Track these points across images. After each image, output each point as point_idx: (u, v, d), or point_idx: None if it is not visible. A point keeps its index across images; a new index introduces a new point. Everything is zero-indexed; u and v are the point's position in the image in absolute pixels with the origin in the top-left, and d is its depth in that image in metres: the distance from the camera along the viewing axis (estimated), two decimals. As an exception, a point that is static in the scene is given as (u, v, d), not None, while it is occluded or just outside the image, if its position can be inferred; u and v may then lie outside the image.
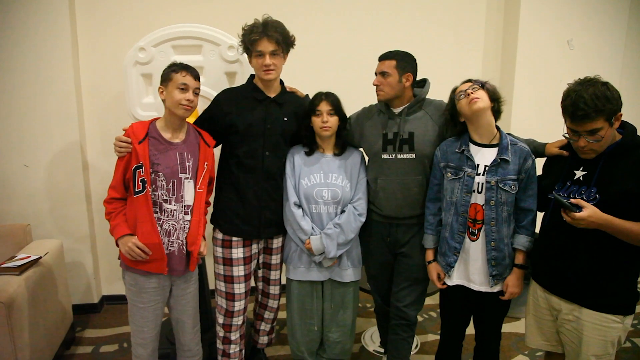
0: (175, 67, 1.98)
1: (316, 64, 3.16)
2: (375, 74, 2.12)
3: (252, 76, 2.27)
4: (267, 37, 2.08)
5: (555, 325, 1.87)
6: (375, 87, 2.13)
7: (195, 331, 2.22)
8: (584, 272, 1.71)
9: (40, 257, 2.47)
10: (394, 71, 2.06)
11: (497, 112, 1.95)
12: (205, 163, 2.06)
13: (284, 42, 2.13)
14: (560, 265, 1.78)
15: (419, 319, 3.10)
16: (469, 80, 1.95)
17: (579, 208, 1.60)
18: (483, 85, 1.91)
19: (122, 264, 2.02)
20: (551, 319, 1.88)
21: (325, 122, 2.14)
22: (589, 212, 1.58)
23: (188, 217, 2.02)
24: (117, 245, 1.97)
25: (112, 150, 1.98)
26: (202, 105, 2.38)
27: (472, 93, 1.88)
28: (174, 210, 1.98)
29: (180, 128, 2.03)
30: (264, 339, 2.60)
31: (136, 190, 1.92)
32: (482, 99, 1.88)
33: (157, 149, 1.95)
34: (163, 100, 1.99)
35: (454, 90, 1.99)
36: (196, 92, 1.99)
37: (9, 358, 2.11)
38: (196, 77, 2.00)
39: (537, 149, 1.96)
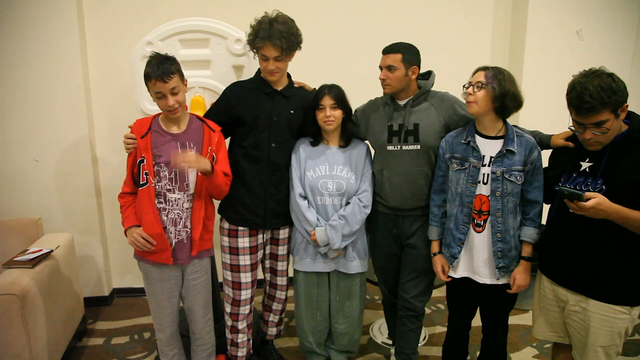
0: (146, 74, 1.90)
1: (321, 55, 3.15)
2: (380, 67, 2.12)
3: (260, 70, 2.28)
4: (271, 44, 2.08)
5: (562, 316, 1.87)
6: (380, 80, 2.12)
7: (207, 320, 2.28)
8: (591, 263, 1.71)
9: (52, 251, 2.50)
10: (400, 65, 2.06)
11: (502, 112, 1.89)
12: (210, 147, 2.07)
13: (289, 48, 2.13)
14: (566, 256, 1.78)
15: (427, 311, 3.11)
16: (486, 69, 1.88)
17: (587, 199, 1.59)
18: (489, 84, 1.84)
19: (135, 255, 2.11)
20: (558, 310, 1.88)
21: (328, 116, 2.15)
22: (598, 200, 1.56)
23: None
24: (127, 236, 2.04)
25: (122, 144, 2.04)
26: (209, 99, 2.40)
27: (470, 94, 1.86)
28: (178, 199, 2.03)
29: (182, 120, 2.06)
30: (272, 331, 2.62)
31: (141, 183, 2.00)
32: (477, 104, 1.86)
33: (159, 141, 2.01)
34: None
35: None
36: (174, 92, 1.92)
37: (23, 349, 2.15)
38: (165, 75, 1.88)
39: (543, 141, 1.95)
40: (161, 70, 1.89)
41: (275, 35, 2.06)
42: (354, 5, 3.26)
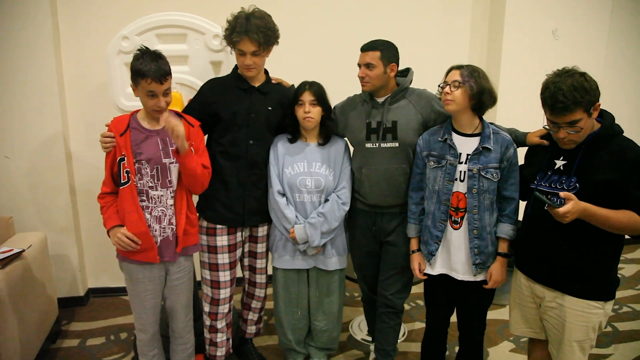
0: (140, 70, 1.85)
1: (301, 53, 3.13)
2: (359, 65, 2.11)
3: (237, 66, 2.26)
4: (248, 38, 2.06)
5: (538, 312, 1.90)
6: (359, 78, 2.11)
7: (188, 320, 2.25)
8: (566, 260, 1.74)
9: (23, 250, 2.43)
10: (379, 62, 2.06)
11: (479, 109, 1.91)
12: (190, 142, 2.03)
13: (266, 42, 2.11)
14: (543, 253, 1.81)
15: (406, 307, 3.13)
16: (460, 68, 1.89)
17: (561, 200, 1.61)
18: (466, 82, 1.85)
19: (117, 255, 2.06)
20: (534, 306, 1.91)
21: (307, 112, 2.14)
22: (569, 206, 1.57)
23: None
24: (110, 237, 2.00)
25: (97, 141, 2.00)
26: (187, 95, 2.36)
27: (448, 93, 1.87)
28: (161, 196, 1.99)
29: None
30: (251, 329, 2.61)
31: (122, 182, 1.95)
32: (455, 102, 1.87)
33: (139, 138, 1.97)
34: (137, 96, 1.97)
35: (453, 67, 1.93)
36: (166, 93, 1.91)
37: (-7, 352, 2.09)
38: (163, 77, 1.86)
39: (519, 139, 1.98)
40: (157, 69, 1.85)
41: (253, 30, 2.04)
42: (332, 2, 3.25)
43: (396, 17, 3.32)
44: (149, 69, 1.84)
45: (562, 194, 1.60)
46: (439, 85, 1.94)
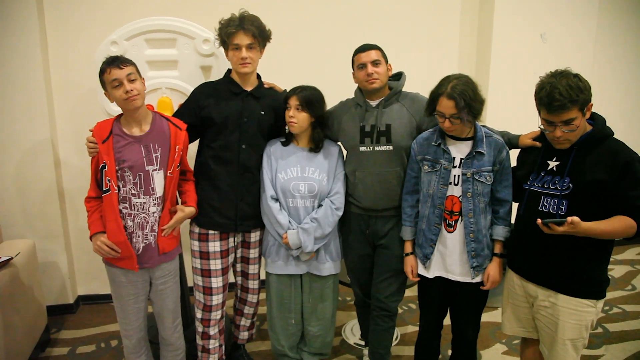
0: (101, 69, 1.91)
1: (291, 59, 3.14)
2: (362, 66, 2.10)
3: (229, 70, 2.26)
4: (243, 30, 2.08)
5: (531, 312, 1.92)
6: (367, 76, 2.10)
7: (176, 325, 2.23)
8: (559, 260, 1.76)
9: (12, 258, 2.40)
10: (382, 59, 2.11)
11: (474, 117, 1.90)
12: (177, 147, 2.03)
13: (260, 35, 2.13)
14: (536, 253, 1.82)
15: (399, 310, 3.12)
16: (452, 97, 1.81)
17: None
18: (463, 117, 1.84)
19: (103, 259, 2.06)
20: (527, 305, 1.92)
21: (291, 116, 2.14)
22: (572, 230, 1.61)
23: (161, 208, 2.02)
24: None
25: (85, 146, 1.96)
26: (176, 100, 2.35)
27: (450, 126, 1.88)
28: (144, 203, 1.98)
29: (144, 120, 2.00)
30: (244, 335, 2.59)
31: (104, 189, 1.94)
32: (458, 129, 1.91)
33: (122, 145, 1.94)
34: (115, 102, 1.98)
35: (440, 85, 1.87)
36: (132, 79, 1.89)
37: (-20, 362, 2.06)
38: (121, 62, 1.89)
39: (511, 141, 2.00)
40: (116, 59, 1.90)
41: (247, 24, 2.08)
42: (322, 8, 3.25)
43: (386, 20, 3.33)
44: (106, 62, 1.91)
45: (569, 219, 1.59)
46: (433, 114, 1.92)
